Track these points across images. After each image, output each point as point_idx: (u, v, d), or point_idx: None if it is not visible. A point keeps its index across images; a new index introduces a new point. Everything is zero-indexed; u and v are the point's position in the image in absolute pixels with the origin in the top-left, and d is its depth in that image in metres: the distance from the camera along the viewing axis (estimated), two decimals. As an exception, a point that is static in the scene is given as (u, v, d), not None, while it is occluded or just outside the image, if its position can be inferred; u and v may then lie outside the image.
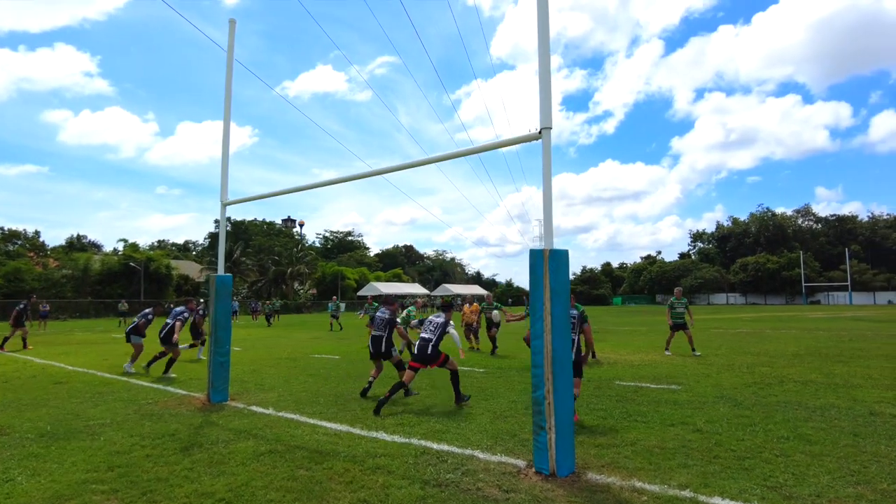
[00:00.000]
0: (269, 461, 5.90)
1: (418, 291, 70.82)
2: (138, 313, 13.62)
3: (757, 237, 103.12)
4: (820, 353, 15.63)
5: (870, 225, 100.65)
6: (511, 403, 8.84)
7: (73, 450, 6.26)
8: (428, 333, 8.80)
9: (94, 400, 9.22)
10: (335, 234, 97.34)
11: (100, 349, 18.63)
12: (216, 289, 9.34)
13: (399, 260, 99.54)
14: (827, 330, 25.07)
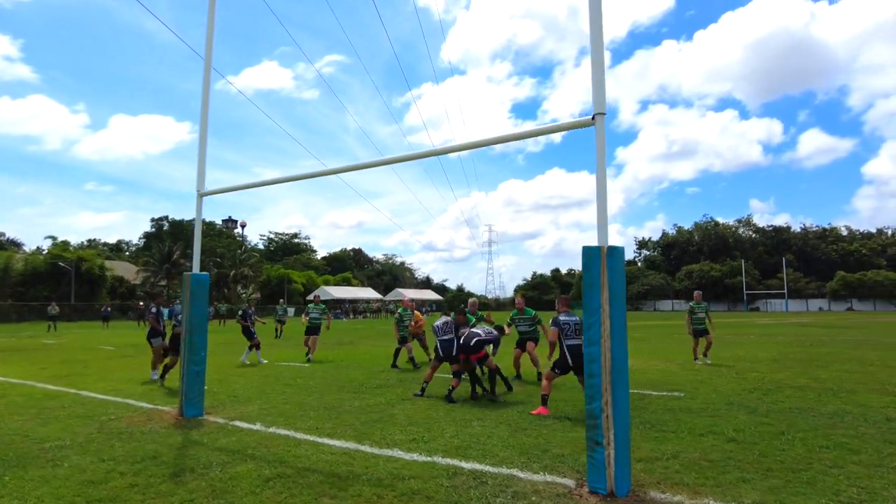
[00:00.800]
0: (282, 488, 5.06)
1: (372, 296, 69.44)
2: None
3: (700, 246, 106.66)
4: (793, 357, 15.89)
5: (802, 236, 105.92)
6: (521, 414, 8.27)
7: (33, 480, 5.21)
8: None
9: (43, 416, 8.01)
10: (280, 235, 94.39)
11: (32, 357, 16.92)
12: (191, 288, 8.32)
13: (348, 264, 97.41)
14: (784, 335, 25.69)
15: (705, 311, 15.29)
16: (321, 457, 6.08)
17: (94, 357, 16.86)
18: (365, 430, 7.32)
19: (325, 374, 12.88)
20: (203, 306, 8.44)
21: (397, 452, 6.25)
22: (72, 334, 28.88)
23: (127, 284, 59.66)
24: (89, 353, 18.39)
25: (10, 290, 48.23)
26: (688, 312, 15.48)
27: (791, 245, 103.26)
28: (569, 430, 7.31)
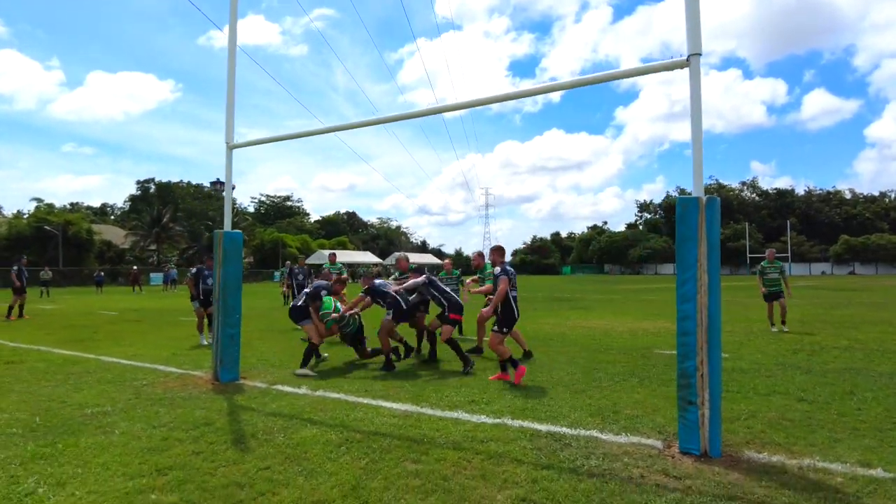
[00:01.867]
0: (358, 452, 4.84)
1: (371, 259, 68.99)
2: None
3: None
4: (820, 320, 15.90)
5: (805, 199, 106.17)
6: (571, 376, 8.11)
7: (89, 448, 4.96)
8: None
9: (72, 382, 7.75)
10: (272, 198, 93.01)
11: (34, 322, 16.59)
12: (224, 247, 7.99)
13: (342, 227, 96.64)
14: (799, 298, 25.73)
15: (780, 272, 13.61)
16: (384, 420, 5.88)
17: (99, 322, 16.55)
18: (418, 391, 7.13)
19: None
20: (237, 266, 8.12)
21: (462, 414, 6.07)
22: (66, 300, 28.51)
23: (115, 249, 58.87)
24: (91, 318, 18.08)
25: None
26: (758, 273, 13.82)
27: (794, 208, 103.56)
28: (632, 391, 7.15)
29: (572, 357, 9.73)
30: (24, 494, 3.94)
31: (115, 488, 4.04)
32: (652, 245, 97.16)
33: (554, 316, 17.88)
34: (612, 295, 30.73)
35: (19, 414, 6.09)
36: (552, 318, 17.26)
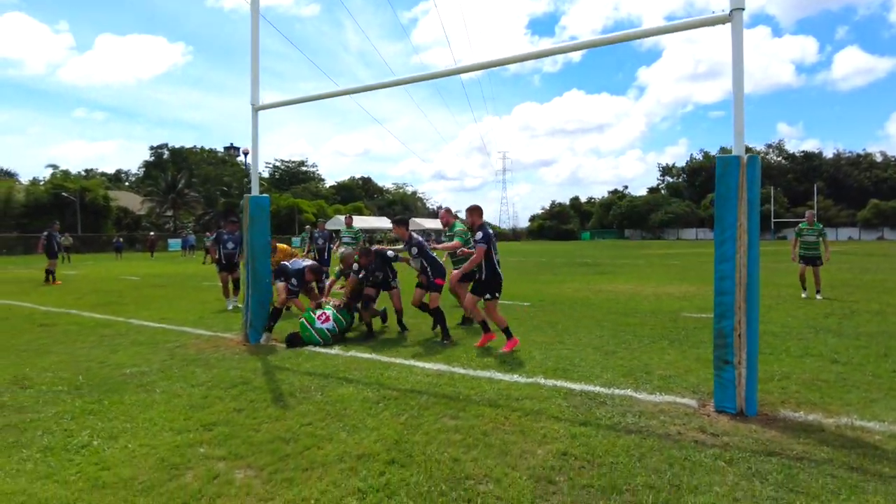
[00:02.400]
0: (397, 409, 4.99)
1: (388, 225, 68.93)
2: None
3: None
4: (850, 284, 15.79)
5: (833, 162, 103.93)
6: (600, 338, 8.20)
7: (134, 405, 5.16)
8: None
9: (106, 344, 7.99)
10: (286, 163, 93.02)
11: (61, 287, 16.97)
12: (251, 212, 8.09)
13: (357, 193, 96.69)
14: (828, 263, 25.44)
15: (818, 235, 12.91)
16: (418, 379, 6.03)
17: (123, 287, 16.89)
18: (449, 352, 7.26)
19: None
20: (265, 231, 8.23)
21: (494, 374, 6.20)
22: (87, 266, 29.05)
23: (132, 215, 59.63)
24: (116, 283, 18.46)
25: (14, 222, 48.28)
26: (795, 235, 13.18)
27: (822, 172, 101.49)
28: (663, 352, 7.23)
29: (599, 320, 9.81)
30: (80, 446, 4.13)
31: (164, 442, 4.22)
32: (674, 209, 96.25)
33: (577, 281, 17.93)
34: (634, 260, 30.66)
35: (62, 373, 6.32)
36: (575, 282, 17.32)
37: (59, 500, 3.31)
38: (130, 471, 3.72)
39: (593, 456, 3.98)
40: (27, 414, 4.90)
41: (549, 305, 11.78)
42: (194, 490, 3.43)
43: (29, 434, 4.41)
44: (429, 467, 3.78)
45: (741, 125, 5.08)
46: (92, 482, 3.55)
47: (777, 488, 3.48)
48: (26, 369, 6.51)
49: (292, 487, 3.49)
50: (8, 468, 3.79)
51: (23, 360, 7.02)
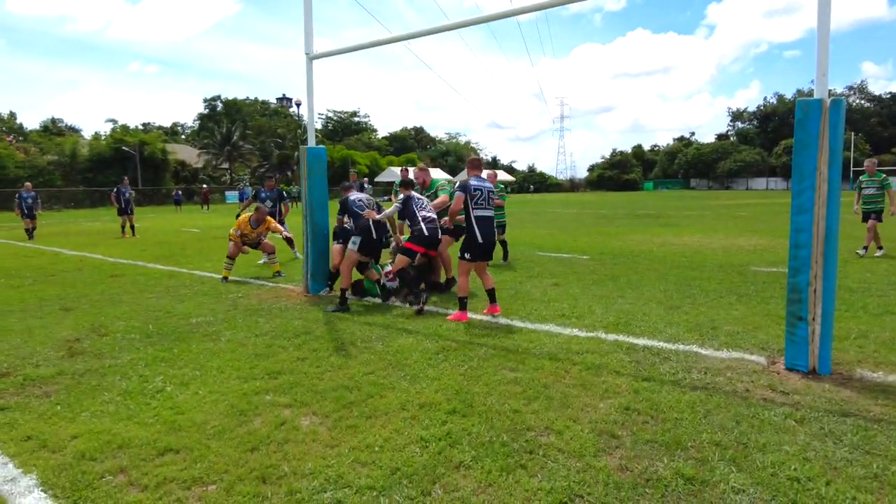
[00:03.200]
0: (456, 360, 5.11)
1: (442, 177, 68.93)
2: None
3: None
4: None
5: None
6: (664, 292, 8.11)
7: (202, 353, 5.44)
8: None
9: (172, 294, 8.40)
10: (339, 114, 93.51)
11: (127, 240, 17.82)
12: (308, 164, 8.23)
13: (409, 143, 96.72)
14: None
15: (880, 187, 11.91)
16: (476, 331, 6.12)
17: (186, 239, 17.62)
18: (506, 305, 7.32)
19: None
20: (323, 183, 8.38)
21: (553, 327, 6.23)
22: (148, 219, 30.29)
23: (189, 168, 61.45)
24: (178, 235, 19.25)
25: (81, 177, 50.53)
26: (856, 188, 12.28)
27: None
28: (730, 308, 7.10)
29: (663, 274, 9.67)
30: (155, 391, 4.41)
31: (233, 389, 4.45)
32: (744, 157, 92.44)
33: (639, 233, 17.63)
34: (701, 211, 29.83)
35: (134, 322, 6.71)
36: (637, 234, 17.04)
37: (140, 441, 3.56)
38: (202, 415, 3.96)
39: (657, 411, 4.00)
40: (106, 360, 5.25)
41: (610, 259, 11.65)
42: (262, 435, 3.63)
43: (109, 378, 4.74)
44: (490, 417, 3.88)
45: (825, 64, 4.81)
46: (168, 425, 3.80)
47: (852, 449, 3.42)
48: (102, 318, 6.94)
49: (356, 434, 3.65)
50: (93, 409, 4.09)
51: (98, 308, 7.47)
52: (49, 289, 8.95)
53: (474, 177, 6.73)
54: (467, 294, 6.77)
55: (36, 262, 12.27)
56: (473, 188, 6.56)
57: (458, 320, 6.57)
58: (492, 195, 6.72)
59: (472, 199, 6.54)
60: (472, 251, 6.58)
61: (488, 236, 6.61)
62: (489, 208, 6.66)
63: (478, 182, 6.64)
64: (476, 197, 6.56)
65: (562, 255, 12.26)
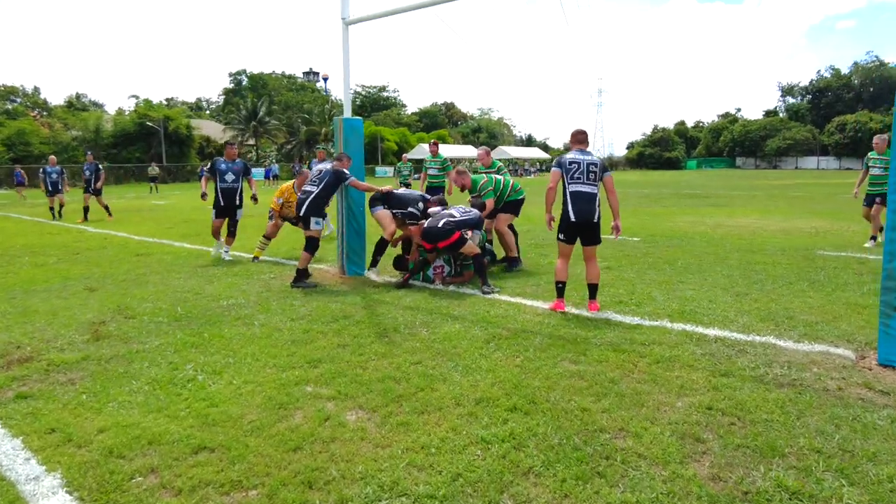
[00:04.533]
0: (510, 350, 4.82)
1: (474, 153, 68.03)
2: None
3: (859, 92, 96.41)
4: None
5: None
6: (728, 278, 7.72)
7: (235, 338, 5.23)
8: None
9: (201, 275, 8.24)
10: (367, 88, 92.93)
11: (150, 217, 17.86)
12: (345, 135, 7.96)
13: (439, 119, 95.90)
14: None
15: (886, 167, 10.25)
16: (528, 318, 5.83)
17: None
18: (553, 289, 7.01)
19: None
20: (359, 155, 8.11)
21: (612, 315, 5.91)
22: (174, 196, 30.48)
23: (214, 144, 61.59)
24: (204, 213, 19.04)
25: (104, 153, 51.12)
26: (864, 166, 11.02)
27: None
28: (803, 295, 6.70)
29: (722, 257, 9.23)
30: (185, 380, 4.20)
31: (269, 378, 4.23)
32: (794, 135, 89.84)
33: (689, 214, 17.08)
34: (750, 191, 28.97)
35: (161, 304, 6.54)
36: (687, 215, 16.50)
37: (172, 437, 3.34)
38: (238, 408, 3.73)
39: (742, 411, 3.66)
40: (133, 344, 5.07)
41: (663, 241, 11.21)
42: (306, 432, 3.38)
43: (136, 365, 4.55)
44: (556, 416, 3.58)
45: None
46: (202, 419, 3.58)
47: (981, 461, 3.06)
48: (128, 299, 6.79)
49: (409, 433, 3.39)
50: (121, 399, 3.90)
51: (123, 289, 7.34)
52: (73, 268, 8.88)
53: (576, 150, 6.20)
54: (563, 280, 6.18)
55: (60, 240, 12.28)
56: (569, 161, 6.07)
57: (554, 309, 6.10)
58: (593, 168, 6.04)
59: (568, 172, 6.02)
60: (566, 230, 6.07)
61: (582, 214, 5.94)
62: (588, 183, 5.99)
63: (575, 155, 6.11)
64: (572, 170, 6.02)
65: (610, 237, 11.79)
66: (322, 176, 7.67)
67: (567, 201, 5.99)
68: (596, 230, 6.05)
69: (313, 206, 7.60)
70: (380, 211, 7.94)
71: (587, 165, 6.02)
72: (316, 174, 7.82)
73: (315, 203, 7.61)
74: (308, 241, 7.63)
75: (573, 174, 6.00)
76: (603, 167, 6.13)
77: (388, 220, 7.90)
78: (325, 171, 7.72)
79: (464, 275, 7.62)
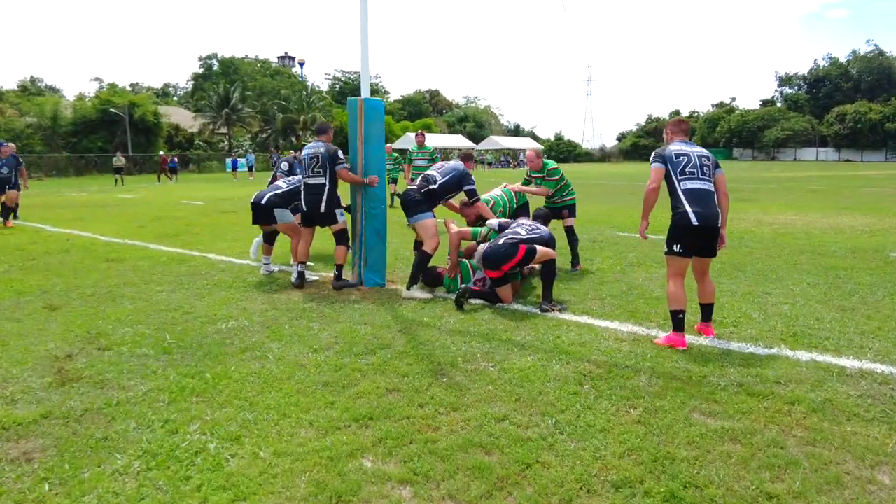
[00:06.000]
0: (615, 396, 3.82)
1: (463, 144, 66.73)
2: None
3: (857, 82, 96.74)
4: None
5: None
6: (815, 287, 6.92)
7: (249, 381, 4.12)
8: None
9: (187, 287, 7.09)
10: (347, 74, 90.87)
11: (118, 213, 16.49)
12: (366, 118, 6.88)
13: (424, 108, 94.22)
14: None
15: None
16: (612, 346, 4.85)
17: (189, 213, 16.26)
18: (626, 305, 6.07)
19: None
20: (381, 145, 7.05)
21: (715, 341, 4.95)
22: (143, 189, 28.97)
23: (184, 133, 59.74)
24: (178, 209, 17.89)
25: (64, 142, 49.07)
26: None
27: None
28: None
29: (791, 261, 8.35)
30: (192, 452, 3.11)
31: (309, 449, 3.16)
32: (792, 126, 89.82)
33: (717, 209, 16.18)
34: (764, 184, 28.28)
35: (143, 327, 5.41)
36: (717, 211, 15.60)
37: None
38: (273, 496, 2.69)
39: None
40: (111, 391, 3.96)
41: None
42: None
43: (119, 426, 3.44)
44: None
45: None
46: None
47: None
48: (100, 321, 5.63)
49: (542, 550, 2.36)
50: (102, 489, 2.80)
51: (93, 307, 6.16)
52: (29, 278, 7.62)
53: (679, 141, 5.21)
54: (683, 306, 4.94)
55: (13, 242, 10.92)
56: (675, 154, 5.03)
57: (672, 346, 4.87)
58: (706, 162, 5.03)
59: (676, 167, 4.98)
60: (684, 239, 4.92)
61: (706, 216, 4.84)
62: (704, 178, 4.96)
63: (682, 146, 5.11)
64: (681, 164, 4.98)
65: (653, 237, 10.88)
66: (321, 160, 6.86)
67: (682, 201, 4.89)
68: (717, 237, 5.03)
69: (330, 199, 6.86)
70: (425, 218, 6.78)
71: (699, 158, 5.01)
72: (312, 162, 6.90)
73: (330, 197, 6.86)
74: (339, 234, 7.11)
75: (683, 168, 4.95)
76: (715, 162, 5.12)
77: (434, 228, 6.79)
78: (320, 154, 6.88)
79: (512, 285, 6.61)
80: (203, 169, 55.71)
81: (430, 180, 6.85)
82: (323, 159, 6.83)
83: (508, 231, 6.32)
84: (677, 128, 5.31)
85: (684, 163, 4.95)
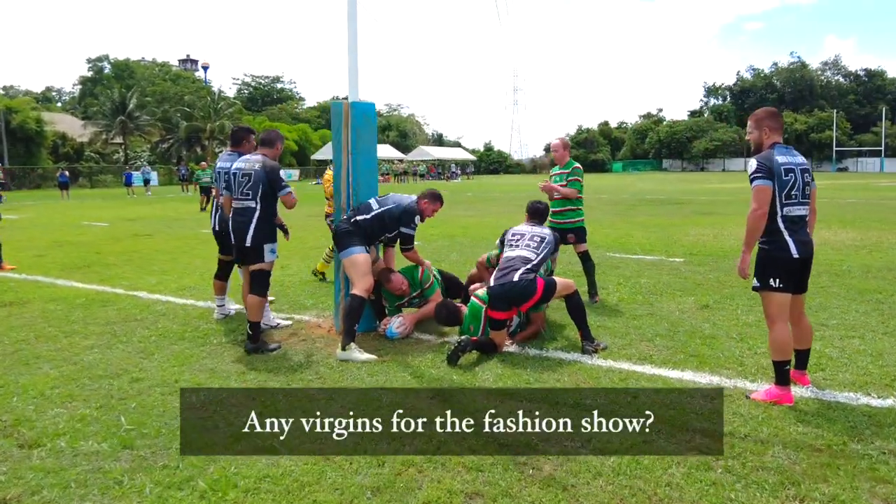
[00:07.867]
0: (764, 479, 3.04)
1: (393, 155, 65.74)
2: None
3: (781, 93, 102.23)
4: None
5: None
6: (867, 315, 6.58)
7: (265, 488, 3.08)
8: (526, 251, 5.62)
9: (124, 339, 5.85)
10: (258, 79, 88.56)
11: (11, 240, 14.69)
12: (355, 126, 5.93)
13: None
14: None
15: None
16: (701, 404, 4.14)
17: (95, 238, 14.58)
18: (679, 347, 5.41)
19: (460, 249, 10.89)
20: (372, 154, 6.14)
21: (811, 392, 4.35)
22: (30, 208, 26.54)
23: (72, 143, 56.26)
24: (80, 232, 16.16)
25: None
26: None
27: (887, 93, 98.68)
28: None
29: (823, 285, 7.95)
30: None
31: None
32: (720, 136, 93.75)
33: (694, 225, 15.93)
34: (714, 196, 29.08)
35: (80, 407, 4.19)
36: (696, 227, 15.33)
37: None
38: None
39: None
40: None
41: (712, 262, 9.85)
42: None
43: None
44: None
45: None
46: None
47: None
48: (13, 399, 4.37)
49: None
50: None
51: (4, 377, 4.87)
52: None
53: (778, 146, 4.27)
54: (790, 355, 4.28)
55: None
56: (785, 170, 4.14)
57: (776, 402, 4.16)
58: (808, 179, 4.23)
59: (782, 188, 4.13)
60: (785, 274, 4.20)
61: (807, 246, 4.22)
62: (804, 202, 4.24)
63: (787, 157, 4.22)
64: (788, 184, 4.14)
65: (644, 258, 10.35)
66: (254, 180, 5.51)
67: (782, 231, 4.17)
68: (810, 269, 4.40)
69: (261, 228, 5.56)
70: (356, 253, 5.61)
71: (802, 174, 4.21)
72: (243, 180, 5.56)
73: (261, 224, 5.55)
74: (256, 277, 5.62)
75: (790, 191, 4.15)
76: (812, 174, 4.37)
77: (368, 265, 5.70)
78: (254, 172, 5.52)
79: (534, 321, 5.79)
80: (96, 184, 52.64)
81: (362, 209, 5.78)
82: (257, 179, 5.51)
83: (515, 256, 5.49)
84: (775, 122, 4.38)
85: (790, 182, 4.15)
